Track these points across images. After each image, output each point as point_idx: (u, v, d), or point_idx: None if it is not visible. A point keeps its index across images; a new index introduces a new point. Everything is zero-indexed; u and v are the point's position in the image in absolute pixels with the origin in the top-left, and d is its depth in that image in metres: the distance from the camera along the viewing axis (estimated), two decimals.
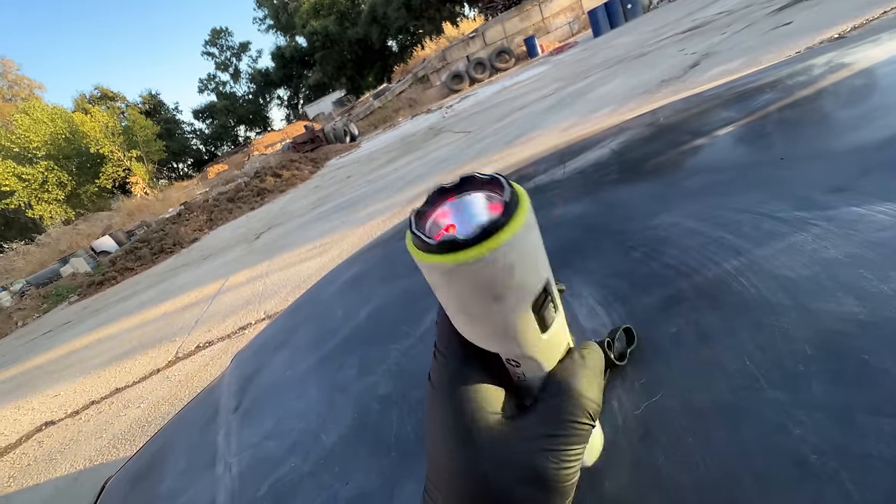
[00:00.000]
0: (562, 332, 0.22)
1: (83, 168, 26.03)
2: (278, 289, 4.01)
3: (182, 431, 0.80)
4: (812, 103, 0.63)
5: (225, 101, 46.02)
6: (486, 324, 0.19)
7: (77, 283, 10.48)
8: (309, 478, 0.43)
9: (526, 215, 0.17)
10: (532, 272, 0.18)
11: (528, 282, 0.18)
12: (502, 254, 0.17)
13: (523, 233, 0.17)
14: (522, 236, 0.17)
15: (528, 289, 0.18)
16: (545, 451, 0.19)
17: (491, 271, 0.17)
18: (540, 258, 0.19)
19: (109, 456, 2.55)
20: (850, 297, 0.29)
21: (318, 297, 0.96)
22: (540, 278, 0.19)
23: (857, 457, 0.21)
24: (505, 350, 0.21)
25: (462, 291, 0.18)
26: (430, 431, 0.23)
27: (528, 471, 0.19)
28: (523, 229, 0.17)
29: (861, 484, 0.20)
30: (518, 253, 0.17)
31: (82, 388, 3.84)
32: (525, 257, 0.17)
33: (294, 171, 12.62)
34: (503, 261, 0.17)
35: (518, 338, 0.19)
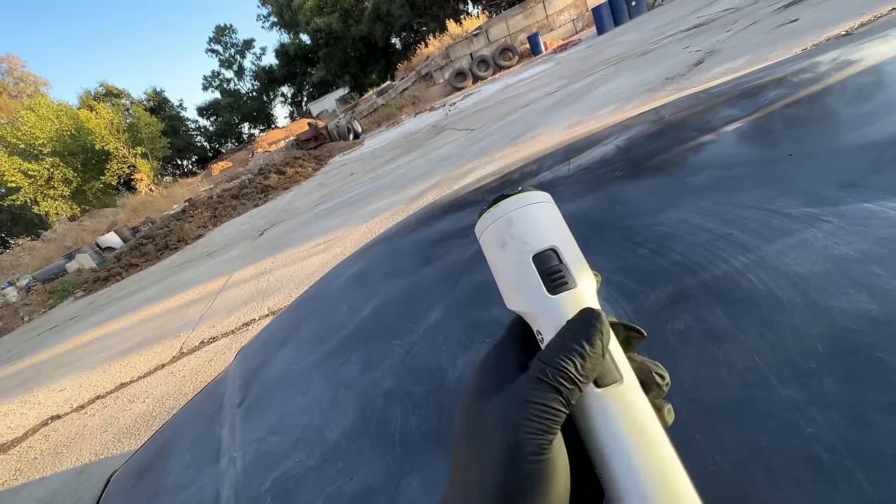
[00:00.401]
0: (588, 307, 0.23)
1: (88, 165, 26.16)
2: (282, 285, 4.02)
3: (187, 426, 0.80)
4: (820, 99, 0.63)
5: (229, 99, 46.08)
6: (502, 273, 0.25)
7: (82, 279, 10.54)
8: (313, 473, 0.43)
9: (524, 195, 0.25)
10: (529, 231, 0.24)
11: (526, 237, 0.24)
12: (502, 209, 0.25)
13: (520, 203, 0.24)
14: (519, 204, 0.24)
15: (526, 242, 0.23)
16: (511, 421, 0.19)
17: (497, 223, 0.24)
18: (543, 227, 0.24)
19: (114, 450, 2.57)
20: (862, 294, 0.28)
21: (323, 293, 0.96)
22: (541, 239, 0.23)
23: (872, 455, 0.21)
24: (517, 304, 0.24)
25: (488, 243, 0.25)
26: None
27: (496, 440, 0.19)
28: (520, 200, 0.24)
29: (876, 483, 0.20)
30: (517, 214, 0.24)
31: (88, 382, 3.87)
32: (523, 218, 0.24)
33: (298, 168, 12.63)
34: (504, 214, 0.24)
35: (525, 289, 0.23)
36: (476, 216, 0.26)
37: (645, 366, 0.23)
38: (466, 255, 0.68)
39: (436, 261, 0.74)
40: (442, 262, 0.72)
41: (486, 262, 0.26)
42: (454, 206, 1.03)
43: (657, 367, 0.23)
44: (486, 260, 0.26)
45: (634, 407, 0.20)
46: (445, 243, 0.79)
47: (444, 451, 0.36)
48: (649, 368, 0.23)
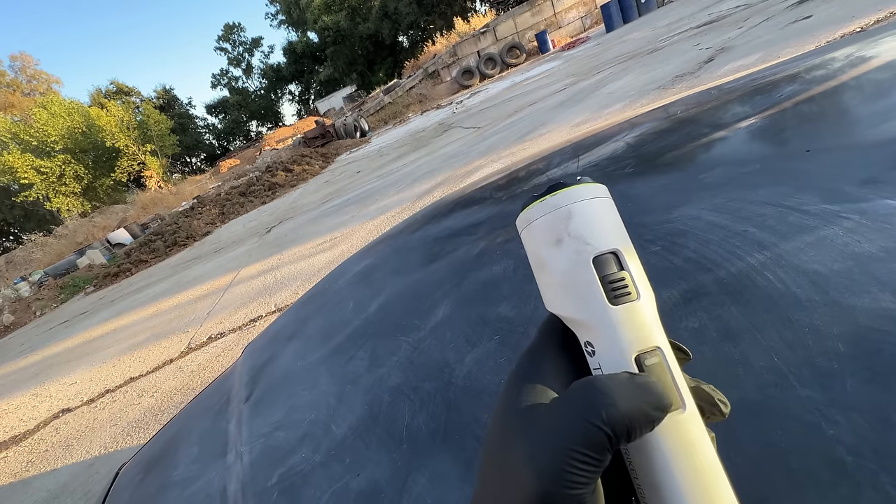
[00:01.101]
0: (641, 324, 0.20)
1: (99, 162, 26.48)
2: (289, 282, 4.04)
3: (195, 420, 0.81)
4: (837, 96, 0.61)
5: (237, 97, 46.36)
6: (552, 275, 0.21)
7: (93, 275, 10.68)
8: (320, 468, 0.42)
9: (586, 188, 0.21)
10: (591, 229, 0.21)
11: (587, 235, 0.21)
12: (561, 200, 0.21)
13: (581, 195, 0.21)
14: (579, 196, 0.21)
15: (587, 241, 0.21)
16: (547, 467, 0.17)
17: (554, 214, 0.21)
18: (605, 227, 0.21)
19: (123, 443, 2.60)
20: (886, 292, 0.27)
21: (329, 290, 0.96)
22: (603, 240, 0.21)
23: None
24: (568, 310, 0.21)
25: (535, 237, 0.22)
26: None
27: (527, 482, 0.17)
28: (581, 192, 0.21)
29: None
30: (578, 208, 0.21)
31: (98, 376, 3.92)
32: (585, 213, 0.21)
33: (305, 165, 12.68)
34: (562, 206, 0.21)
35: (580, 294, 0.20)
36: (520, 205, 0.22)
37: (702, 390, 0.20)
38: (474, 252, 0.68)
39: (443, 258, 0.74)
40: (449, 259, 0.72)
41: (526, 257, 0.23)
42: (461, 204, 1.03)
43: (716, 392, 0.20)
44: (526, 254, 0.23)
45: (696, 439, 0.18)
46: (452, 240, 0.79)
47: (452, 449, 0.35)
48: (709, 394, 0.20)
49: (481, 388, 0.39)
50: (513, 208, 0.80)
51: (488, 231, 0.72)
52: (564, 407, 0.18)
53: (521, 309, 0.46)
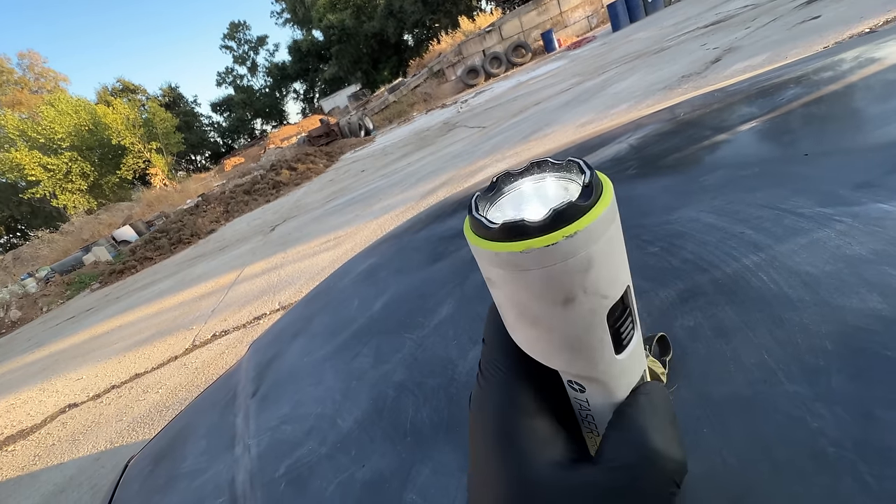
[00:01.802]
0: (638, 356, 0.18)
1: (105, 159, 26.69)
2: (293, 280, 4.07)
3: (201, 414, 0.83)
4: (838, 99, 0.62)
5: (242, 95, 46.58)
6: (551, 333, 0.16)
7: (99, 271, 10.78)
8: (326, 460, 0.44)
9: (610, 202, 0.15)
10: (612, 273, 0.15)
11: (607, 285, 0.15)
12: (580, 244, 0.14)
13: (605, 222, 0.14)
14: (604, 226, 0.14)
15: (606, 293, 0.15)
16: None
17: (564, 265, 0.14)
18: (621, 259, 0.16)
19: (129, 438, 2.63)
20: (874, 293, 0.28)
21: (334, 288, 0.97)
22: (620, 283, 0.16)
23: (878, 451, 0.21)
24: (570, 368, 0.17)
25: (527, 288, 0.15)
26: (474, 474, 0.18)
27: None
28: (606, 217, 0.14)
29: (880, 477, 0.20)
30: (598, 246, 0.14)
31: (104, 372, 3.97)
32: (606, 253, 0.15)
33: (309, 164, 12.73)
34: (580, 253, 0.14)
35: (588, 354, 0.17)
36: (476, 223, 0.16)
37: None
38: None
39: (446, 257, 0.75)
40: (453, 258, 0.73)
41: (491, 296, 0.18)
42: (465, 204, 1.04)
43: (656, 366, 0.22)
44: (498, 295, 0.17)
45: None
46: (456, 240, 0.80)
47: (454, 441, 0.37)
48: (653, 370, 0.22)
49: None
50: None
51: None
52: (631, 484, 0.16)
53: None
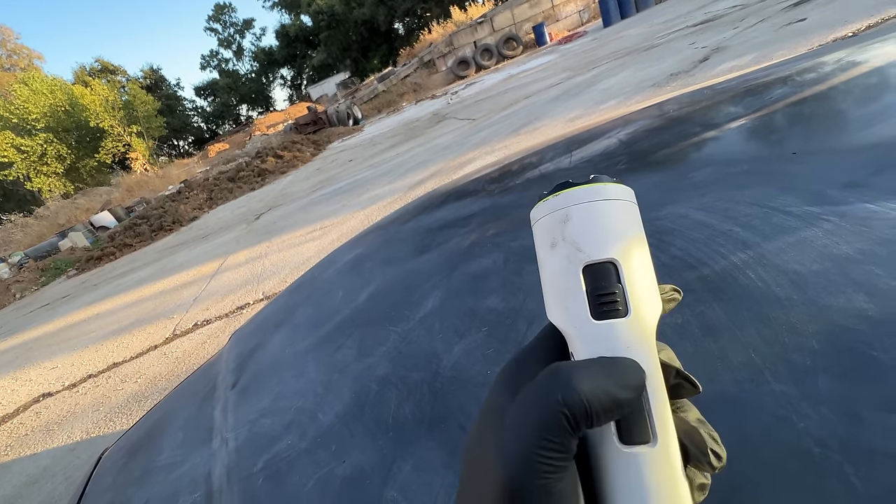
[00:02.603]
0: (627, 346, 0.18)
1: (83, 142, 25.79)
2: (277, 270, 4.01)
3: (179, 406, 0.81)
4: (825, 99, 0.62)
5: (227, 79, 45.34)
6: (545, 275, 0.21)
7: (75, 258, 10.46)
8: (306, 455, 0.43)
9: (595, 187, 0.20)
10: (588, 234, 0.19)
11: (581, 239, 0.19)
12: (559, 202, 0.20)
13: (587, 196, 0.20)
14: (585, 198, 0.20)
15: (581, 247, 0.19)
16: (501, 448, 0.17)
17: (552, 216, 0.20)
18: (607, 232, 0.19)
19: (106, 428, 2.57)
20: (860, 293, 0.28)
21: (318, 279, 0.95)
22: (599, 248, 0.19)
23: (864, 451, 0.21)
24: (554, 316, 0.20)
25: (539, 236, 0.21)
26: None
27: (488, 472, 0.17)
28: (587, 193, 0.20)
29: (865, 478, 0.20)
30: (578, 210, 0.20)
31: (80, 361, 3.86)
32: (584, 217, 0.20)
33: (296, 152, 12.51)
34: (560, 209, 0.20)
35: (564, 303, 0.20)
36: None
37: (696, 433, 0.18)
38: (465, 244, 0.68)
39: (433, 249, 0.74)
40: (440, 250, 0.72)
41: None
42: (453, 196, 1.03)
43: (713, 442, 0.18)
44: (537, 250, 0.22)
45: (662, 480, 0.17)
46: (444, 232, 0.79)
47: (437, 437, 0.36)
48: (702, 438, 0.18)
49: (468, 379, 0.40)
50: (504, 201, 0.80)
51: (480, 223, 0.73)
52: (528, 394, 0.17)
53: (509, 301, 0.47)
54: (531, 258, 0.58)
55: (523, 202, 0.74)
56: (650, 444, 0.17)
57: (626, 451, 0.17)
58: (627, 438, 0.17)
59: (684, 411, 0.19)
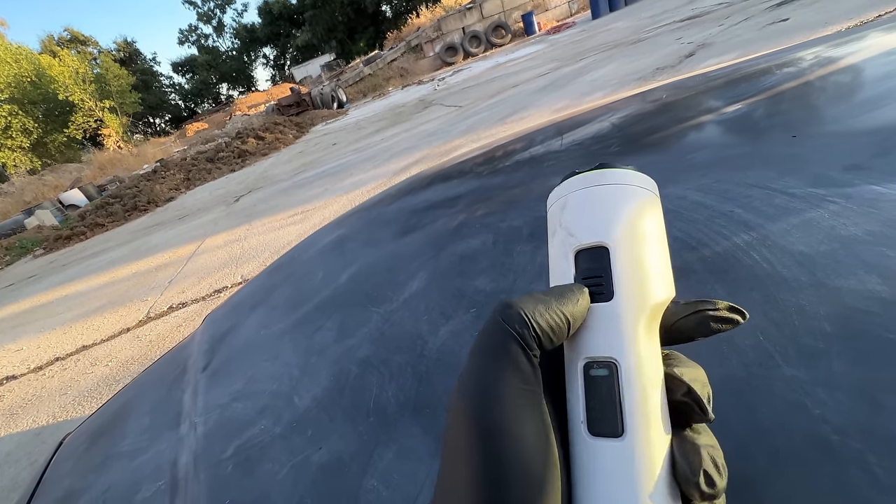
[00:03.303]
0: (606, 332, 0.18)
1: (51, 115, 24.51)
2: (257, 253, 3.91)
3: (146, 390, 0.76)
4: (823, 84, 0.61)
5: (207, 56, 43.59)
6: (549, 263, 0.21)
7: (43, 237, 10.00)
8: (280, 441, 0.40)
9: (598, 174, 0.20)
10: (579, 220, 0.20)
11: (573, 226, 0.20)
12: (564, 190, 0.21)
13: (586, 182, 0.20)
14: (584, 184, 0.20)
15: (573, 232, 0.20)
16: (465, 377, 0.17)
17: (555, 205, 0.21)
18: (602, 217, 0.19)
19: (74, 413, 2.48)
20: (872, 274, 0.27)
21: (298, 259, 0.92)
22: (589, 233, 0.19)
23: (886, 440, 0.19)
24: None
25: (548, 225, 0.22)
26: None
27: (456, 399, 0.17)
28: (588, 179, 0.20)
29: (890, 468, 0.18)
30: (573, 199, 0.20)
31: (47, 343, 3.71)
32: (581, 203, 0.20)
33: (278, 134, 12.17)
34: (561, 198, 0.21)
35: (553, 278, 0.20)
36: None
37: (695, 449, 0.16)
38: (452, 225, 0.65)
39: (419, 230, 0.71)
40: (426, 231, 0.69)
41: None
42: (440, 178, 1.00)
43: (710, 464, 0.16)
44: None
45: (629, 478, 0.16)
46: (430, 213, 0.76)
47: (421, 423, 0.34)
48: (699, 457, 0.16)
49: (456, 361, 0.37)
50: (494, 183, 0.77)
51: (468, 204, 0.70)
52: (481, 331, 0.18)
53: (499, 282, 0.44)
54: (521, 239, 0.56)
55: (513, 183, 0.72)
56: (618, 438, 0.16)
57: (592, 441, 0.17)
58: (594, 428, 0.17)
59: (696, 433, 0.17)
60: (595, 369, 0.17)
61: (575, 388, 0.17)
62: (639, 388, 0.17)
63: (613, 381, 0.17)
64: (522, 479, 0.15)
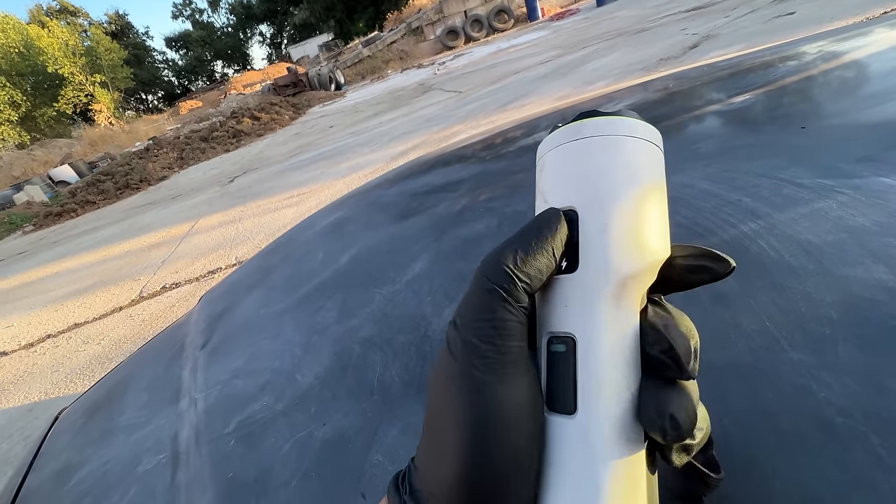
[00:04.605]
0: (568, 303, 0.17)
1: (39, 88, 23.90)
2: (252, 235, 3.88)
3: (143, 366, 0.76)
4: (833, 76, 0.61)
5: (201, 32, 42.51)
6: None
7: (32, 213, 9.84)
8: (282, 417, 0.40)
9: (566, 129, 0.18)
10: (551, 182, 0.19)
11: (550, 189, 0.19)
12: (542, 150, 0.19)
13: (556, 140, 0.18)
14: (554, 143, 0.19)
15: (547, 198, 0.18)
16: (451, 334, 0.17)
17: (537, 168, 0.20)
18: (566, 181, 0.18)
19: (66, 390, 2.48)
20: (879, 264, 0.27)
21: (297, 240, 0.91)
22: (559, 196, 0.18)
23: (890, 421, 0.20)
24: None
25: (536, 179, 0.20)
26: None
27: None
28: (557, 137, 0.18)
29: (892, 449, 0.19)
30: (550, 158, 0.19)
31: (38, 320, 3.68)
32: (552, 162, 0.19)
33: (273, 115, 11.98)
34: (541, 157, 0.19)
35: None
36: None
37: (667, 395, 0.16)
38: (455, 208, 0.65)
39: (421, 213, 0.71)
40: (428, 214, 0.69)
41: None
42: (441, 162, 0.99)
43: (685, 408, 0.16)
44: None
45: (582, 457, 0.15)
46: (432, 196, 0.76)
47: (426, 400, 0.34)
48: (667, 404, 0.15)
49: None
50: (498, 167, 0.77)
51: (471, 188, 0.70)
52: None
53: None
54: (525, 223, 0.56)
55: (517, 168, 0.71)
56: (570, 416, 0.16)
57: (549, 417, 0.16)
58: (551, 404, 0.16)
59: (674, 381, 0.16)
60: (554, 345, 0.17)
61: (541, 361, 0.17)
62: (596, 365, 0.16)
63: (569, 358, 0.16)
64: (506, 434, 0.15)
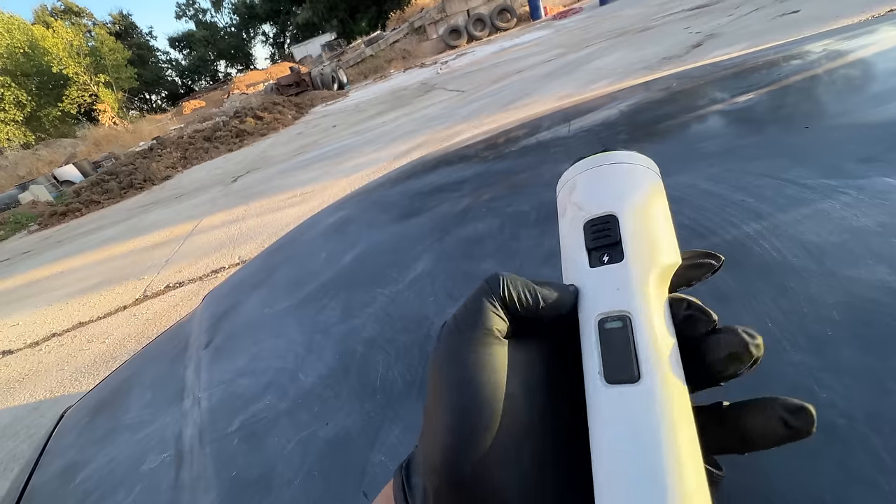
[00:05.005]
0: (619, 288, 0.19)
1: (44, 89, 24.04)
2: (255, 234, 3.90)
3: (147, 365, 0.77)
4: (837, 76, 0.61)
5: (204, 32, 42.64)
6: (560, 241, 0.23)
7: (37, 212, 9.91)
8: (286, 416, 0.40)
9: (601, 156, 0.22)
10: (589, 195, 0.21)
11: (583, 202, 0.21)
12: (571, 173, 0.23)
13: (591, 164, 0.22)
14: (589, 165, 0.22)
15: (582, 206, 0.21)
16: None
17: (564, 189, 0.23)
18: (608, 191, 0.21)
19: (71, 388, 2.50)
20: (882, 265, 0.27)
21: (299, 240, 0.91)
22: (598, 205, 0.21)
23: (892, 423, 0.20)
24: (568, 276, 0.22)
25: (558, 208, 0.23)
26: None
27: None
28: (592, 161, 0.22)
29: (894, 451, 0.19)
30: (582, 179, 0.22)
31: (43, 319, 3.71)
32: (585, 181, 0.22)
33: (277, 114, 12.01)
34: (570, 180, 0.23)
35: (569, 260, 0.21)
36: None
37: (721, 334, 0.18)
38: (458, 208, 0.65)
39: (424, 213, 0.71)
40: (431, 214, 0.69)
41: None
42: (443, 162, 0.99)
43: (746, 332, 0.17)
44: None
45: (652, 421, 0.16)
46: (435, 196, 0.76)
47: None
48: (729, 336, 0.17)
49: None
50: (500, 168, 0.77)
51: (474, 189, 0.70)
52: None
53: (506, 266, 0.45)
54: (528, 224, 0.56)
55: (520, 169, 0.71)
56: (635, 384, 0.17)
57: (608, 389, 0.17)
58: (611, 376, 0.17)
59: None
60: (609, 322, 0.18)
61: (589, 343, 0.18)
62: (651, 336, 0.17)
63: (628, 332, 0.18)
64: (478, 412, 0.17)
